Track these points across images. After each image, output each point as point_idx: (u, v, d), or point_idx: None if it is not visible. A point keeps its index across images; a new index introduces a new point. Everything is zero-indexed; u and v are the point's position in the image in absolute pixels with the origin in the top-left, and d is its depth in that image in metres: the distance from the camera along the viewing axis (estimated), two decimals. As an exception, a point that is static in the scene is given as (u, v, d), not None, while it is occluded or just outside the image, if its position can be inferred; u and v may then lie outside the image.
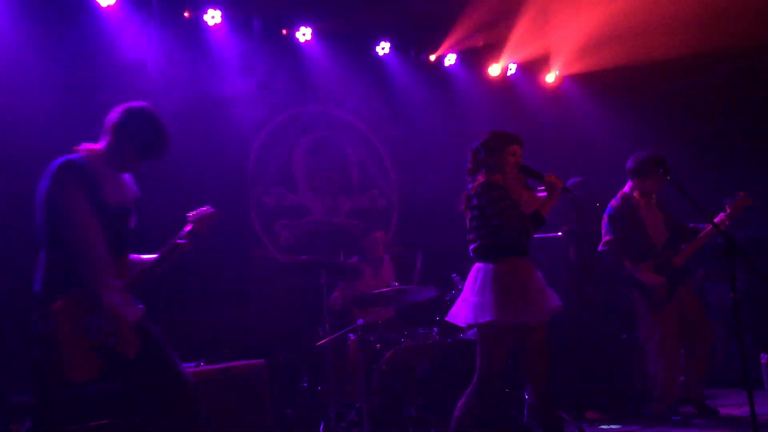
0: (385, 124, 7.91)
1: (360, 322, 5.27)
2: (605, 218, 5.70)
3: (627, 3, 7.01)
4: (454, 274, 5.86)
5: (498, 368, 4.06)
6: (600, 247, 5.71)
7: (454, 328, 5.66)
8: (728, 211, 5.41)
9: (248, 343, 5.97)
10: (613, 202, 5.71)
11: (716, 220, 5.38)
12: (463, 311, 4.13)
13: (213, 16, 6.51)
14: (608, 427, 5.39)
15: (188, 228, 3.59)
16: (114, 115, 3.43)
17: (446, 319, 4.32)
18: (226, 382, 4.81)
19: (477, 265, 4.17)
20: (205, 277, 6.16)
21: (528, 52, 8.19)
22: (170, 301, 5.81)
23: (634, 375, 6.17)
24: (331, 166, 7.54)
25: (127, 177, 3.51)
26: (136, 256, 3.54)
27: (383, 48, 7.62)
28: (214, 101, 6.57)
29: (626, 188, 5.72)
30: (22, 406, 4.38)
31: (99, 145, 3.40)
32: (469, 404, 4.03)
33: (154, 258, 3.52)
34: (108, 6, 5.95)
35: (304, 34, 7.08)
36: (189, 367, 4.88)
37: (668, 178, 4.79)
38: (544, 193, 4.23)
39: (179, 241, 3.52)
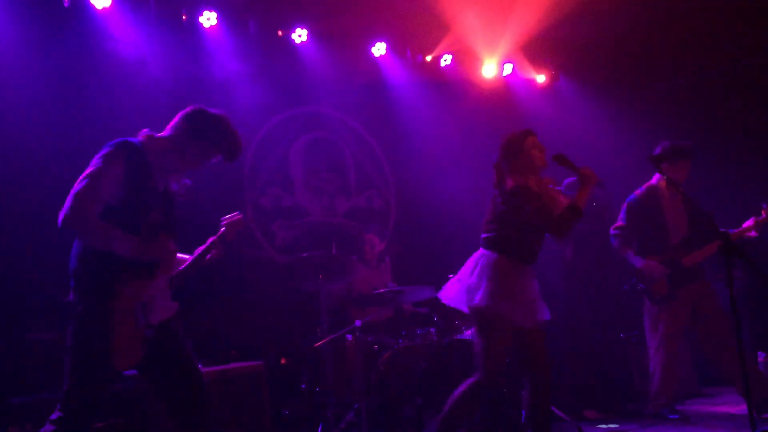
0: (382, 124, 7.91)
1: (358, 323, 5.27)
2: (624, 205, 5.62)
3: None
4: (452, 275, 5.86)
5: (500, 362, 3.98)
6: (611, 231, 5.64)
7: (452, 329, 5.67)
8: (764, 215, 5.25)
9: (246, 345, 5.97)
10: (637, 191, 5.61)
11: (747, 223, 5.31)
12: (458, 291, 4.10)
13: (208, 18, 6.50)
14: (606, 426, 5.40)
15: (221, 231, 3.60)
16: (185, 112, 3.45)
17: (439, 295, 4.27)
18: (224, 384, 4.81)
19: (482, 251, 4.12)
20: (201, 278, 6.14)
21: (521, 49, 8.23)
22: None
23: (632, 374, 6.18)
24: (328, 167, 7.54)
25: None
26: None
27: (379, 49, 7.62)
28: (209, 102, 6.54)
29: (653, 179, 5.61)
30: (21, 408, 4.38)
31: (163, 134, 3.41)
32: (465, 401, 3.99)
33: (192, 257, 3.54)
34: (103, 8, 5.94)
35: (299, 36, 7.07)
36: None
37: (666, 177, 4.78)
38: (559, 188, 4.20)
39: (212, 247, 3.55)
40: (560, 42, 8.08)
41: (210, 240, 3.57)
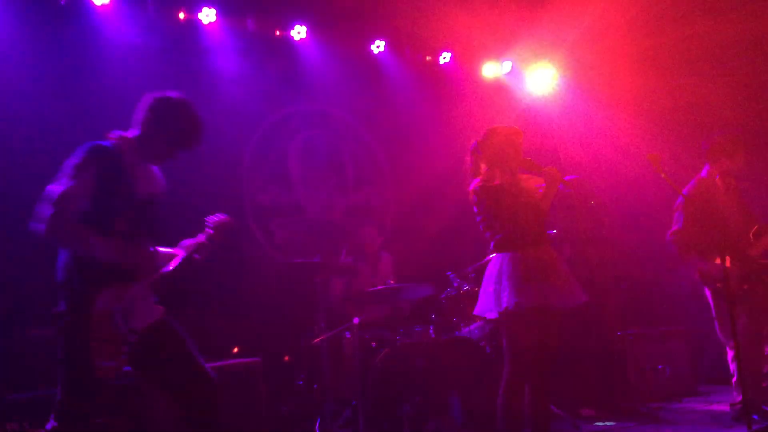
0: (380, 121, 7.91)
1: (356, 320, 5.28)
2: (677, 205, 5.28)
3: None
4: (450, 272, 5.88)
5: (527, 357, 3.98)
6: (668, 237, 5.29)
7: (450, 326, 5.68)
8: None
9: (244, 342, 5.97)
10: (688, 187, 5.26)
11: None
12: (486, 302, 4.09)
13: (207, 15, 6.50)
14: (603, 423, 5.42)
15: (210, 234, 3.55)
16: (146, 103, 3.39)
17: (474, 313, 4.25)
18: (222, 381, 4.80)
19: (495, 255, 4.15)
20: (199, 276, 6.16)
21: (523, 50, 8.23)
22: (166, 300, 5.82)
23: (629, 371, 6.20)
24: (326, 165, 7.55)
25: (156, 169, 3.49)
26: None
27: (378, 46, 7.62)
28: (208, 100, 6.56)
29: (703, 173, 5.33)
30: (20, 404, 4.39)
31: (130, 134, 3.37)
32: (508, 401, 3.98)
33: (180, 258, 3.48)
34: (102, 5, 5.94)
35: (299, 33, 7.07)
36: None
37: (663, 175, 4.78)
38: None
39: (200, 248, 3.51)
40: (558, 40, 8.09)
41: (198, 240, 3.52)
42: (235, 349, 5.69)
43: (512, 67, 8.43)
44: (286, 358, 5.92)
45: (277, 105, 7.26)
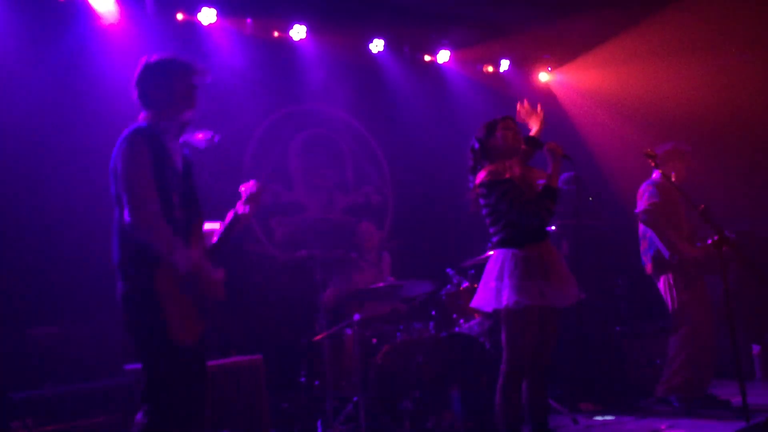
0: (380, 120, 7.94)
1: (356, 317, 5.31)
2: (649, 187, 5.54)
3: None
4: (449, 269, 5.91)
5: (525, 354, 4.00)
6: (642, 207, 5.51)
7: (450, 323, 5.72)
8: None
9: (245, 338, 6.00)
10: (657, 178, 5.58)
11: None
12: (485, 296, 4.10)
13: (207, 15, 6.53)
14: (602, 417, 5.45)
15: (243, 199, 3.62)
16: (138, 77, 3.42)
17: (471, 305, 4.28)
18: (223, 378, 4.84)
19: (497, 251, 4.14)
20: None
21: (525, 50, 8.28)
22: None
23: (627, 366, 6.24)
24: (326, 163, 7.58)
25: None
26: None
27: (377, 46, 7.66)
28: (208, 100, 6.57)
29: (655, 176, 5.60)
30: (22, 403, 4.42)
31: (149, 110, 3.37)
32: (506, 397, 4.00)
33: (221, 229, 3.53)
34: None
35: (298, 32, 7.11)
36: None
37: (660, 172, 4.83)
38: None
39: (239, 212, 3.56)
40: (558, 39, 8.12)
41: (235, 212, 3.58)
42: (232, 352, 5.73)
43: (510, 64, 8.47)
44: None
45: (277, 105, 7.29)
